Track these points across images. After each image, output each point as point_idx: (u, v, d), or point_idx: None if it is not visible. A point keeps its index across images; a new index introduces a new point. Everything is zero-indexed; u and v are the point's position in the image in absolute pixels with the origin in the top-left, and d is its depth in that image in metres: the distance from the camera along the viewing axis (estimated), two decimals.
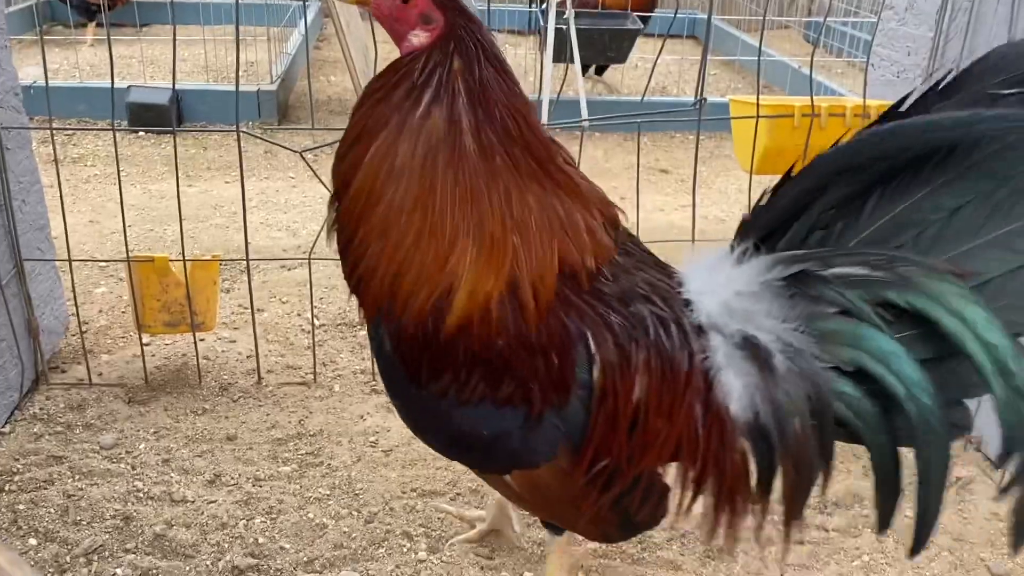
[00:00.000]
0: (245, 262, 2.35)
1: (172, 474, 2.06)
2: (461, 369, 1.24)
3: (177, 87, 3.64)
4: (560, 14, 3.98)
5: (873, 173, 1.16)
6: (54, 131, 2.29)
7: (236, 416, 2.29)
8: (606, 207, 1.35)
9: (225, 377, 2.46)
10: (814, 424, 1.19)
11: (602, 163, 4.35)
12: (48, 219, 2.44)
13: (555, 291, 1.24)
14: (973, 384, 1.13)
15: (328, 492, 2.03)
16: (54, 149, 2.40)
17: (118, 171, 2.28)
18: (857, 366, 1.16)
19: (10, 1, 5.73)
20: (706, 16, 2.54)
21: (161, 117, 4.25)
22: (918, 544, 1.18)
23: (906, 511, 2.04)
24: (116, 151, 2.28)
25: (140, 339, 2.42)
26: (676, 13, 4.80)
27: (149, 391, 2.37)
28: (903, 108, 1.17)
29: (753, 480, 1.28)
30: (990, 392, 1.10)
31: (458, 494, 2.04)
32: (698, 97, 2.32)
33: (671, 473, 1.37)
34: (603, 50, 4.78)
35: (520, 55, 5.21)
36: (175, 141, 2.35)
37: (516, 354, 1.23)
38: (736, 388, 1.22)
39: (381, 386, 2.42)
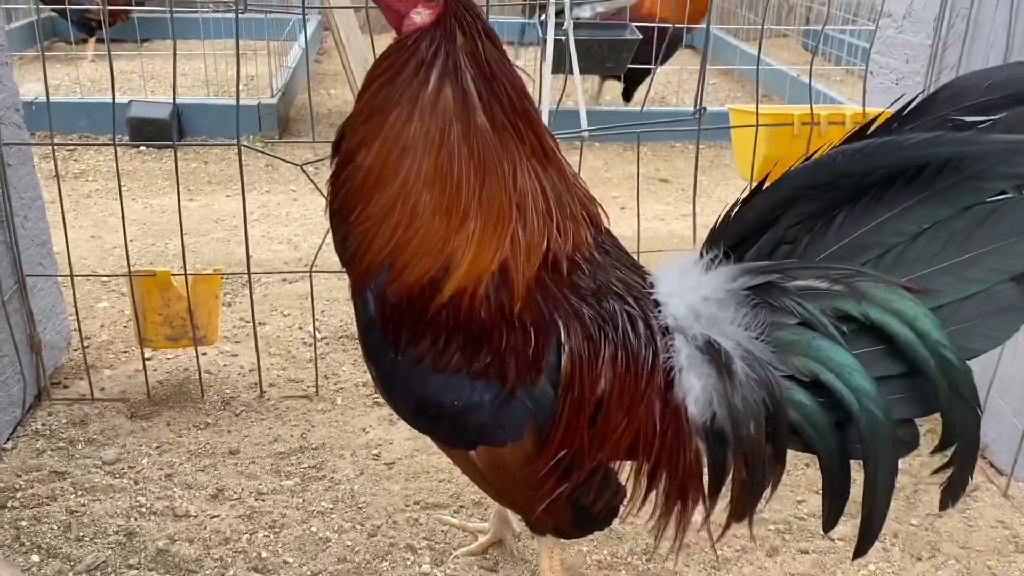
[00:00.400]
0: (246, 275, 2.35)
1: (175, 489, 2.06)
2: (441, 336, 1.26)
3: (178, 101, 3.65)
4: (559, 25, 3.99)
5: (840, 191, 1.21)
6: (55, 147, 2.30)
7: (238, 430, 2.29)
8: (589, 203, 1.38)
9: (227, 391, 2.46)
10: (768, 430, 1.24)
11: (602, 173, 4.36)
12: (50, 234, 2.44)
13: (537, 277, 1.27)
14: (926, 399, 1.20)
15: (331, 506, 2.02)
16: (55, 165, 2.41)
17: (119, 186, 2.29)
18: (812, 376, 1.22)
19: (11, 17, 5.76)
20: (704, 26, 2.55)
21: (162, 132, 4.26)
22: (861, 548, 1.29)
23: (911, 519, 2.03)
24: (117, 166, 2.29)
25: (142, 353, 2.42)
26: (674, 24, 4.80)
27: (151, 406, 2.37)
28: (869, 132, 1.22)
29: (705, 479, 1.33)
30: (937, 401, 1.18)
31: (461, 506, 2.04)
32: (697, 106, 2.32)
33: (625, 472, 1.40)
34: (602, 61, 4.79)
35: (519, 66, 5.22)
36: (176, 155, 2.35)
37: (496, 326, 1.25)
38: (696, 389, 1.26)
39: (383, 399, 2.42)
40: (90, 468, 2.11)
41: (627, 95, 5.24)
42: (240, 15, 2.14)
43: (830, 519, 1.30)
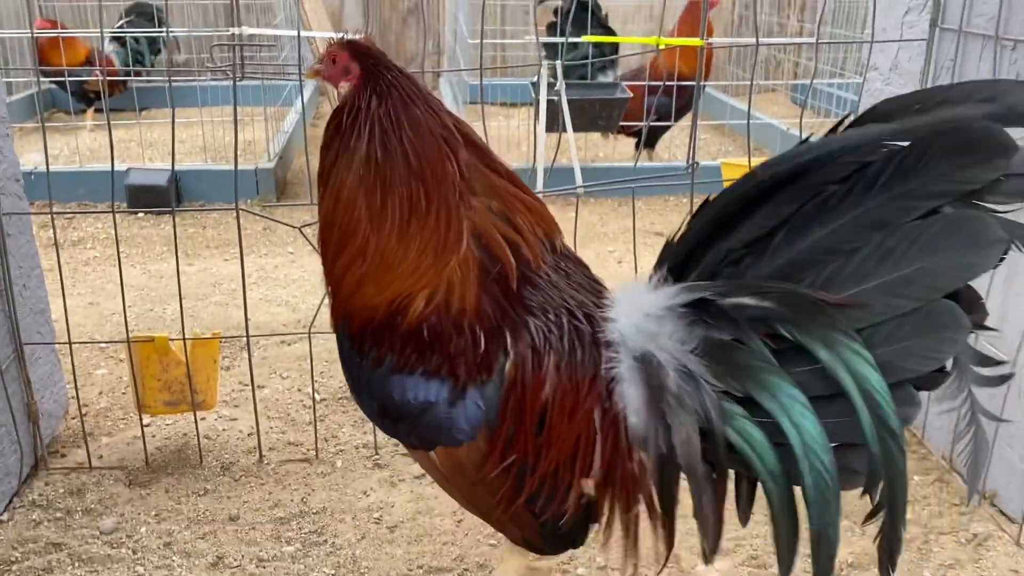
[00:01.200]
0: (245, 339, 2.35)
1: (174, 558, 2.02)
2: (398, 342, 1.40)
3: (176, 168, 3.68)
4: (551, 85, 4.05)
5: (772, 209, 1.23)
6: (54, 215, 2.32)
7: (238, 496, 2.26)
8: (548, 225, 1.49)
9: (226, 456, 2.43)
10: (706, 445, 1.25)
11: (598, 228, 4.39)
12: (48, 303, 2.44)
13: (488, 291, 1.38)
14: (854, 426, 1.16)
15: (333, 571, 1.99)
16: (54, 233, 2.42)
17: (118, 252, 2.30)
18: (745, 392, 1.22)
19: (12, 90, 5.85)
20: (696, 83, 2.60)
21: (160, 198, 4.30)
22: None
23: (924, 571, 1.99)
24: (116, 233, 2.30)
25: (140, 420, 2.40)
26: (664, 82, 4.89)
27: (150, 473, 2.34)
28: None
29: (655, 493, 1.35)
30: (863, 435, 1.15)
31: (465, 570, 2.00)
32: (690, 161, 2.35)
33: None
34: (594, 119, 4.86)
35: (513, 126, 5.29)
36: (174, 221, 2.37)
37: (447, 332, 1.37)
38: (634, 400, 1.31)
39: (384, 460, 2.40)
40: (87, 538, 2.08)
41: (640, 146, 5.28)
42: (237, 82, 2.17)
43: (782, 556, 1.25)
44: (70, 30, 5.81)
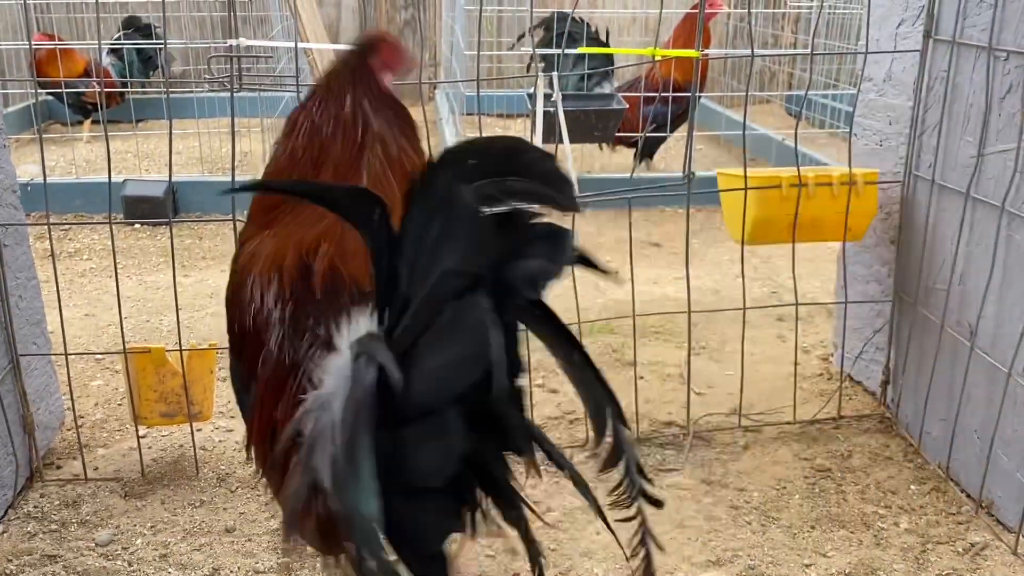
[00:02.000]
0: None
1: (170, 570, 2.02)
2: (234, 328, 1.64)
3: (172, 179, 3.69)
4: (547, 96, 4.07)
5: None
6: (51, 226, 2.32)
7: (234, 507, 2.25)
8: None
9: (223, 467, 2.42)
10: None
11: (595, 238, 4.39)
12: (44, 314, 2.44)
13: (283, 314, 1.51)
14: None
15: None
16: (51, 244, 2.42)
17: (115, 263, 2.29)
18: None
19: (8, 101, 5.86)
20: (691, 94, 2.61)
21: (157, 209, 4.30)
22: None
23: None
24: (113, 244, 2.30)
25: (136, 431, 2.39)
26: (659, 92, 4.91)
27: (146, 484, 2.33)
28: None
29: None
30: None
31: None
32: (686, 172, 2.36)
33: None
34: (590, 130, 4.87)
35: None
36: (171, 232, 2.37)
37: (249, 334, 1.56)
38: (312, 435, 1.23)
39: None
40: (83, 550, 2.07)
41: (641, 157, 5.29)
42: (234, 94, 2.18)
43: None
44: (67, 42, 5.82)
